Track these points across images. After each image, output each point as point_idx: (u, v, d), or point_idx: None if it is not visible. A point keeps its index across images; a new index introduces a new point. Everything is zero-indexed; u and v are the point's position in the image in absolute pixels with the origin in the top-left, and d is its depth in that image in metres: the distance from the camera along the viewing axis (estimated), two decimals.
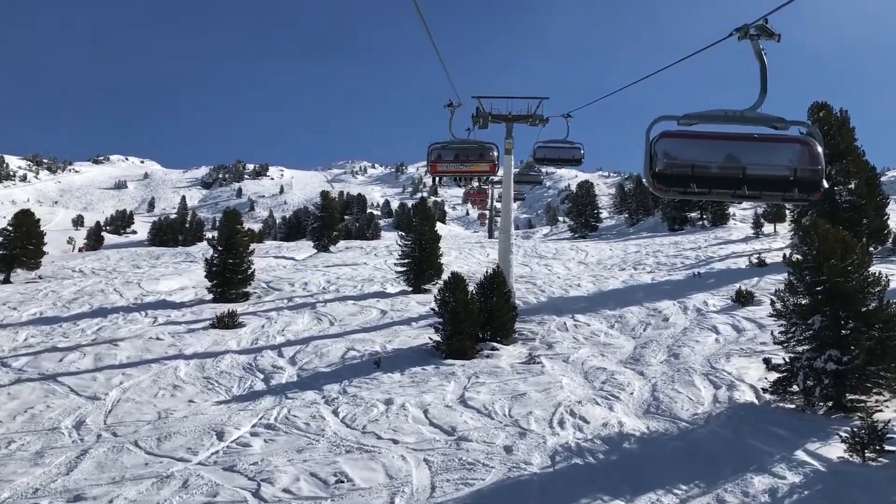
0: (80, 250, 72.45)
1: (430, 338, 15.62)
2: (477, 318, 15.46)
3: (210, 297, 23.33)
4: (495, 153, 15.46)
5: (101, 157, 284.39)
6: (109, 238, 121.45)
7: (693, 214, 45.73)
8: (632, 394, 12.07)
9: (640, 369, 13.67)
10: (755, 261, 23.77)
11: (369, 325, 18.66)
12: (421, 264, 22.99)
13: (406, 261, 23.26)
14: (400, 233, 25.78)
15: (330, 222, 41.03)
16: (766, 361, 11.84)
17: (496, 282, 16.41)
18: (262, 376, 14.37)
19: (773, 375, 11.32)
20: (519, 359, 14.82)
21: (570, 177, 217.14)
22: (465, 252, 37.59)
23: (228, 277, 23.29)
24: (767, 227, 36.59)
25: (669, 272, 26.22)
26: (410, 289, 23.12)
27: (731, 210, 45.39)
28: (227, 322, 18.04)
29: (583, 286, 23.06)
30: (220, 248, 23.32)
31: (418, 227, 23.08)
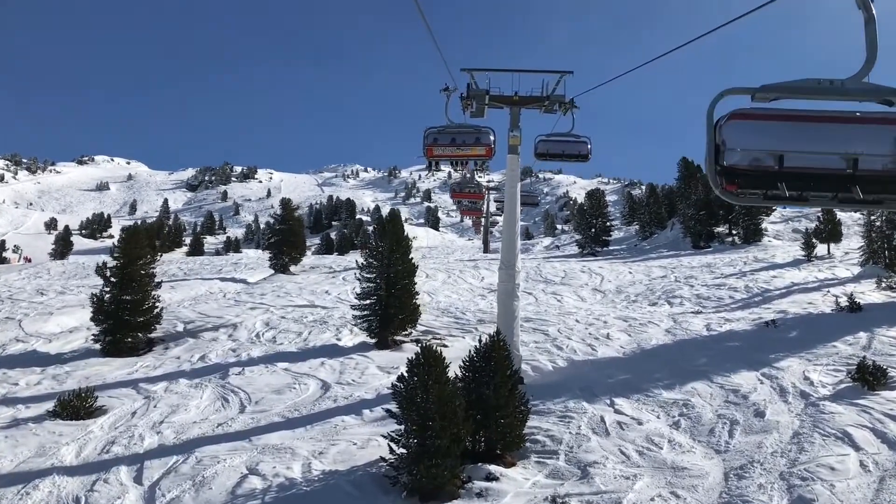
0: (27, 260, 66.12)
1: (383, 458, 9.28)
2: (463, 424, 9.20)
3: (100, 346, 16.93)
4: (492, 137, 13.51)
5: (86, 158, 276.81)
6: (82, 242, 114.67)
7: (720, 229, 39.54)
8: None
9: None
10: (844, 303, 17.50)
11: (298, 411, 12.26)
12: (388, 307, 16.35)
13: (368, 302, 16.65)
14: (359, 260, 19.17)
15: (290, 237, 34.21)
16: None
17: (496, 357, 10.16)
18: None
19: None
20: (534, 502, 8.54)
21: (568, 183, 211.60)
22: (454, 275, 31.11)
23: (126, 320, 16.88)
24: (818, 248, 30.28)
25: (720, 311, 19.99)
26: (374, 340, 16.52)
27: (763, 224, 39.15)
28: (77, 408, 11.60)
29: (613, 338, 16.70)
30: (112, 279, 16.86)
31: (385, 253, 16.37)
